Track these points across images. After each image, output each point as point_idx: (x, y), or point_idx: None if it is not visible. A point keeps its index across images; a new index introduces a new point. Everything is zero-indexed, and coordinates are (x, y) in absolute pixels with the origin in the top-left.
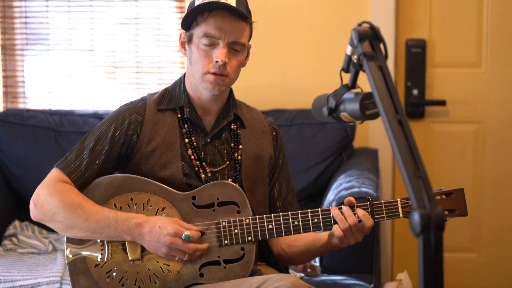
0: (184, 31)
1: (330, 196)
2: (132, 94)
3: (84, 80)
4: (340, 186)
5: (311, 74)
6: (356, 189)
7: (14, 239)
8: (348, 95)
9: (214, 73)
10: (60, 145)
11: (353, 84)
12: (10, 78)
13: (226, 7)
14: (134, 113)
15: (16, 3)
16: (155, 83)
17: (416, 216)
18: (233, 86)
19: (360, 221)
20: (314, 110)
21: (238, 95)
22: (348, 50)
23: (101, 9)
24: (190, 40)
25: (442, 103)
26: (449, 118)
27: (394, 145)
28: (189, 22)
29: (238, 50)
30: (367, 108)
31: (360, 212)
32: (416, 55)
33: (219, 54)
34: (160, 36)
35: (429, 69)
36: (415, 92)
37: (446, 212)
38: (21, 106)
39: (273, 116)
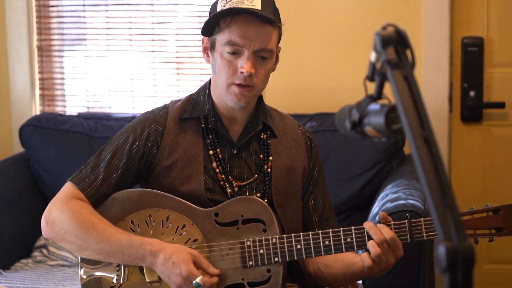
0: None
1: (375, 208)
2: (172, 96)
3: (123, 82)
4: (386, 197)
5: (360, 75)
6: (402, 201)
7: (44, 251)
8: (373, 106)
9: (239, 84)
10: (94, 151)
11: (379, 94)
12: (47, 80)
13: (250, 11)
14: (154, 123)
15: (52, 2)
16: (196, 85)
17: (441, 250)
18: (272, 88)
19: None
20: (338, 123)
21: (279, 97)
22: (372, 56)
23: (139, 7)
24: (212, 46)
25: (501, 105)
26: (509, 121)
27: (418, 166)
28: (210, 28)
29: (266, 57)
30: (393, 121)
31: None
32: (473, 54)
33: (244, 64)
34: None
35: (487, 69)
36: (472, 94)
37: (493, 231)
38: (59, 109)
39: (317, 120)
